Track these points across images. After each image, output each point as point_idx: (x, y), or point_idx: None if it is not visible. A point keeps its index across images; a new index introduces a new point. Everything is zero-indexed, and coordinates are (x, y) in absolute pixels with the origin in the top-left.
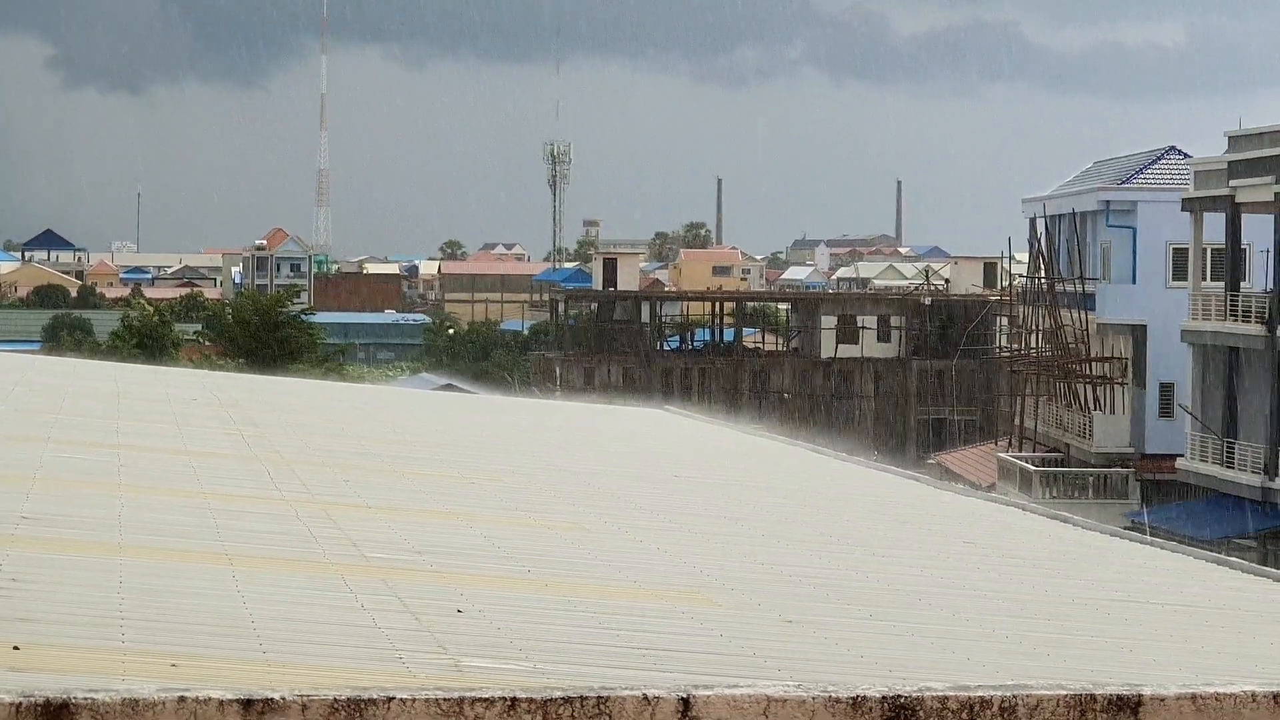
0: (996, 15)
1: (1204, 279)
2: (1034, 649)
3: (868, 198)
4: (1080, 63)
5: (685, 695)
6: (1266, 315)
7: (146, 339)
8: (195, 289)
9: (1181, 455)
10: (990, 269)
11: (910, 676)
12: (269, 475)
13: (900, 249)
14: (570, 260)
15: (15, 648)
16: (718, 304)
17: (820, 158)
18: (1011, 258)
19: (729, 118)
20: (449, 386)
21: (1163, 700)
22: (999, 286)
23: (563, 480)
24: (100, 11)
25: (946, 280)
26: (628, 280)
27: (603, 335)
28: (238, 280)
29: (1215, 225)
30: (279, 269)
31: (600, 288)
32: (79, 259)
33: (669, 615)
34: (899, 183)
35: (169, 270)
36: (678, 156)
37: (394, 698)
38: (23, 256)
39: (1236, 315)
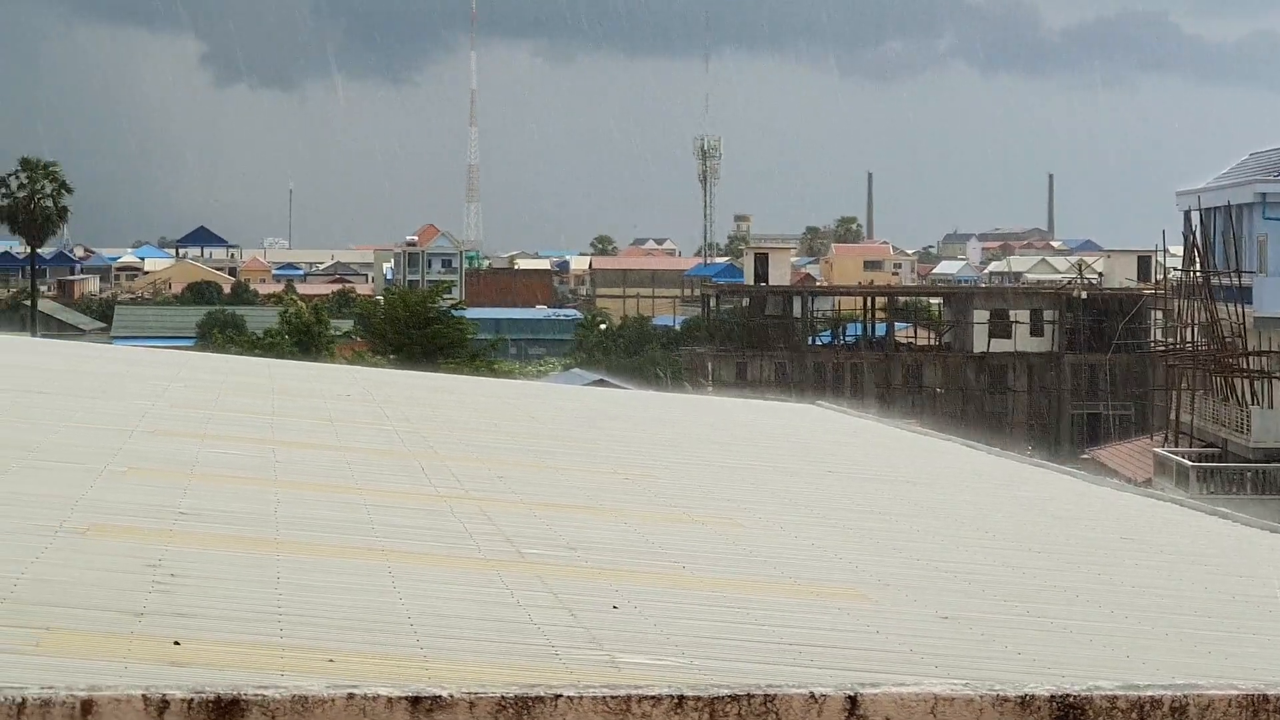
0: (1148, 6)
1: None
2: (1198, 647)
3: (1019, 191)
4: (1235, 53)
5: (852, 694)
6: None
7: (304, 336)
8: (347, 285)
9: None
10: (1144, 262)
11: (1075, 675)
12: (423, 471)
13: (1053, 242)
14: (721, 255)
15: (175, 643)
16: (869, 299)
17: (971, 151)
18: (1166, 251)
19: (879, 111)
20: (600, 382)
21: None
22: (1153, 280)
23: (716, 476)
24: (251, 8)
25: (1100, 274)
26: (779, 275)
27: (754, 330)
28: (389, 276)
29: None
30: (430, 265)
31: (752, 283)
32: (232, 255)
33: (824, 611)
34: (1050, 176)
35: (320, 266)
36: (828, 150)
37: (561, 695)
38: (176, 253)
39: None
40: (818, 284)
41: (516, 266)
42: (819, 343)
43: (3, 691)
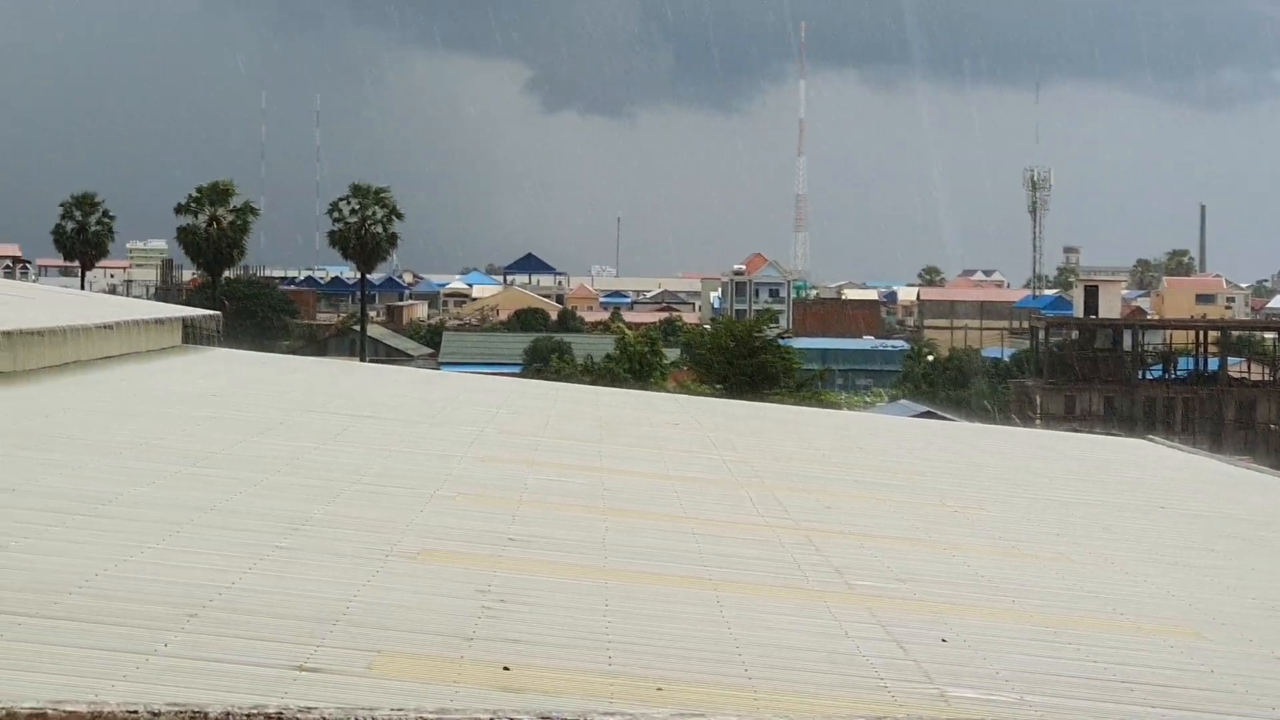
0: None
1: None
2: None
3: None
4: None
5: None
6: None
7: (636, 364)
8: (673, 313)
9: None
10: None
11: None
12: (751, 500)
13: None
14: (1050, 287)
15: (505, 668)
16: (1201, 332)
17: None
18: None
19: (1211, 142)
20: (928, 414)
21: None
22: None
23: (1045, 510)
24: (580, 33)
25: None
26: (1109, 308)
27: (1083, 363)
28: (716, 305)
29: None
30: (757, 294)
31: (1081, 315)
32: (559, 282)
33: (1156, 649)
34: None
35: (647, 294)
36: (1159, 182)
37: None
38: (504, 280)
39: None
40: (1148, 317)
41: (844, 296)
42: (1149, 377)
43: (353, 712)
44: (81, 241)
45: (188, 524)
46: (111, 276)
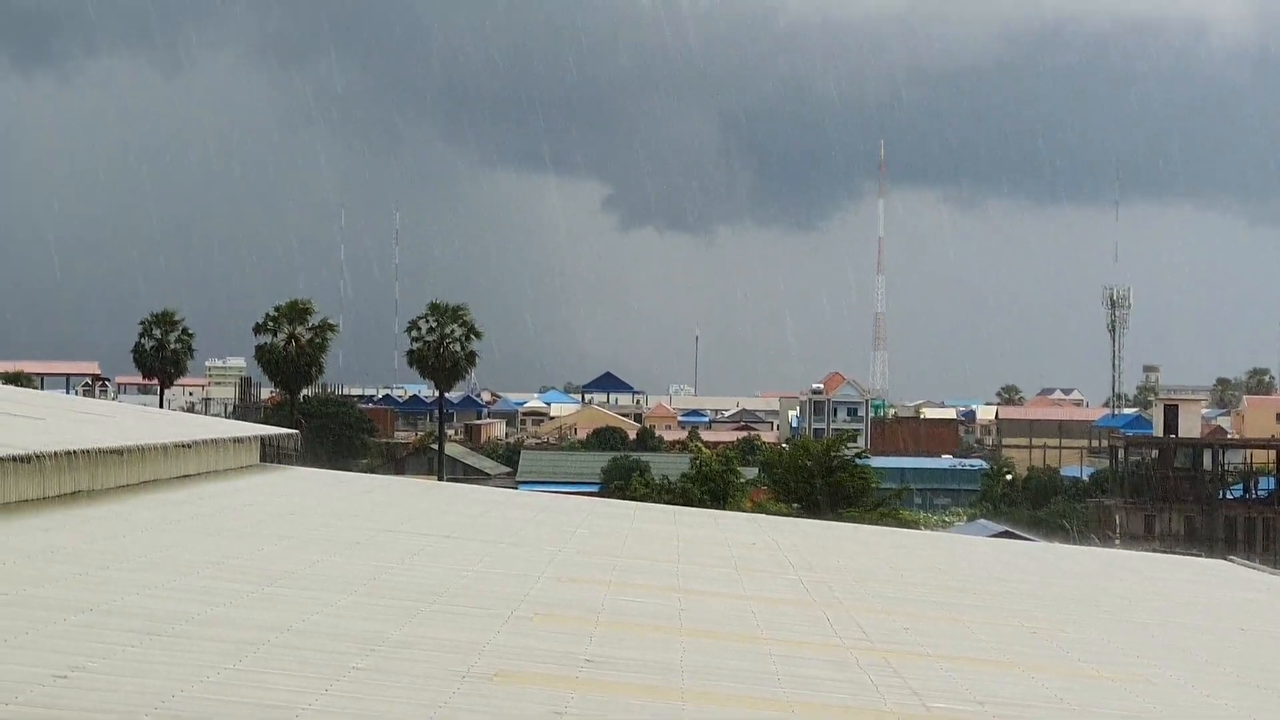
0: None
1: None
2: None
3: None
4: None
5: None
6: None
7: (713, 483)
8: (752, 432)
9: None
10: None
11: None
12: (828, 621)
13: None
14: (1129, 406)
15: None
16: None
17: None
18: None
19: None
20: (1006, 533)
21: None
22: None
23: (1125, 631)
24: (659, 151)
25: None
26: (1189, 427)
27: (1163, 483)
28: (794, 424)
29: None
30: (835, 413)
31: (1161, 434)
32: (637, 401)
33: None
34: None
35: (726, 413)
36: (1238, 300)
37: None
38: (582, 399)
39: None
40: (1228, 436)
41: (922, 415)
42: (1230, 496)
43: None
44: (160, 359)
45: (264, 644)
46: (190, 394)
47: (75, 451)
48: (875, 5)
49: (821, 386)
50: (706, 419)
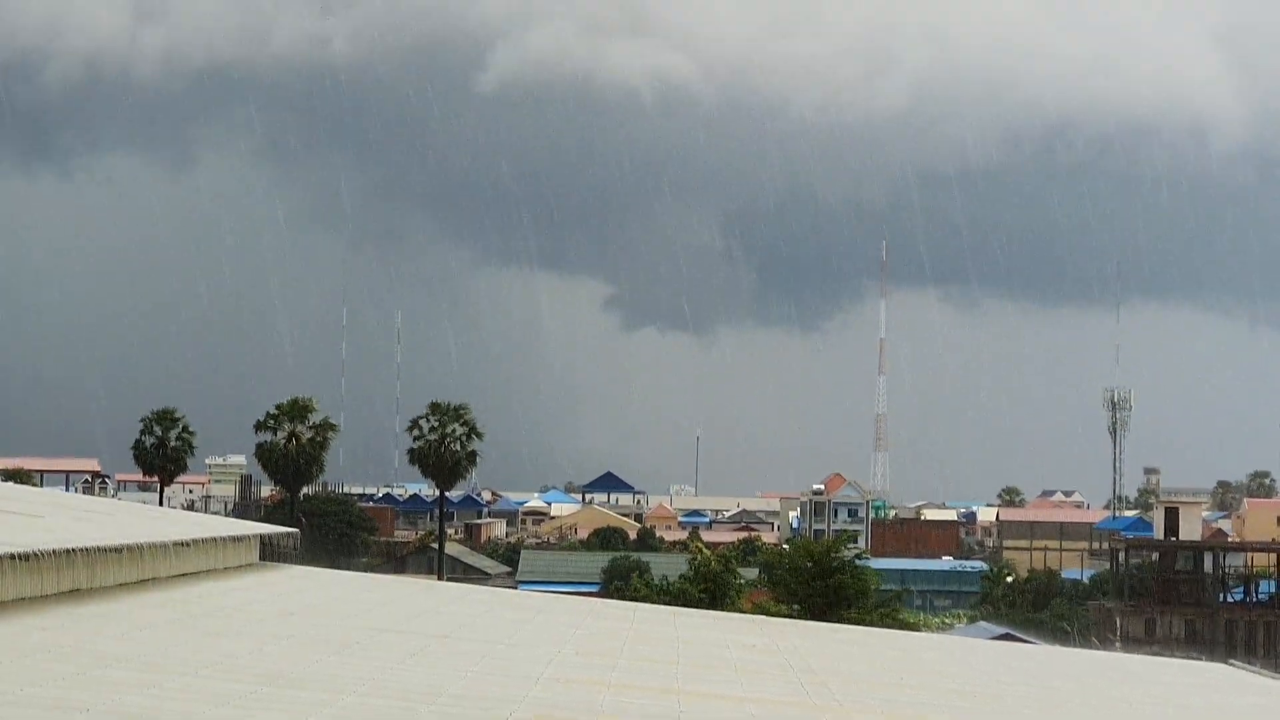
0: None
1: None
2: None
3: None
4: None
5: None
6: None
7: (711, 584)
8: (752, 533)
9: None
10: None
11: None
12: None
13: None
14: (1130, 508)
15: None
16: None
17: None
18: None
19: None
20: (1006, 635)
21: None
22: None
23: None
24: (661, 251)
25: None
26: (1190, 530)
27: (1164, 586)
28: (795, 525)
29: None
30: (836, 514)
31: (1161, 537)
32: (638, 501)
33: None
34: None
35: (726, 514)
36: (1239, 402)
37: None
38: (583, 499)
39: None
40: (1229, 539)
41: (923, 516)
42: (1231, 600)
43: None
44: (161, 457)
45: None
46: (190, 492)
47: (74, 549)
48: (877, 106)
49: (822, 487)
50: (707, 519)
